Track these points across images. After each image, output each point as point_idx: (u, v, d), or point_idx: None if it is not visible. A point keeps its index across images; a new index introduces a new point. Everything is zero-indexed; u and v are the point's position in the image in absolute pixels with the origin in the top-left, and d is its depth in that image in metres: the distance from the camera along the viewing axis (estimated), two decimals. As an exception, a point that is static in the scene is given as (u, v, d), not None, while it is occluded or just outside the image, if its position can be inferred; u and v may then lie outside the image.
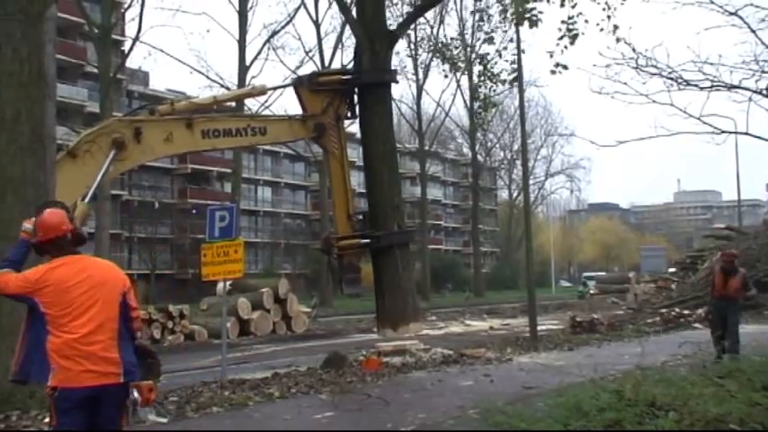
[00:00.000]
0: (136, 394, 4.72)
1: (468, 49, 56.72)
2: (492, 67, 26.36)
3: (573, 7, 17.86)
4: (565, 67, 16.54)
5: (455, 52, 42.68)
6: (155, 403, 4.88)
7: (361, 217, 21.74)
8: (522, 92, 18.33)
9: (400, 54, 46.40)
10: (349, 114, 21.79)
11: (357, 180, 30.20)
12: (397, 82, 23.25)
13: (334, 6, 42.13)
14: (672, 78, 9.42)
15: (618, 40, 10.37)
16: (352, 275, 21.57)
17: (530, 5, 18.19)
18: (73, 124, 40.47)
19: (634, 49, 9.54)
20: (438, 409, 9.11)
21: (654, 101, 9.46)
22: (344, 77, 21.34)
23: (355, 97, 21.95)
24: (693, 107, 9.55)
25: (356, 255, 21.70)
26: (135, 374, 4.75)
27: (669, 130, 9.62)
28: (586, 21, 18.16)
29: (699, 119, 9.37)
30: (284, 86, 24.69)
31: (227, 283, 14.55)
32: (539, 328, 17.48)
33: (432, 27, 51.05)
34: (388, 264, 20.99)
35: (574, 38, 17.82)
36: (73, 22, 46.26)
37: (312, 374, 12.32)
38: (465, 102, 60.96)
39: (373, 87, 21.67)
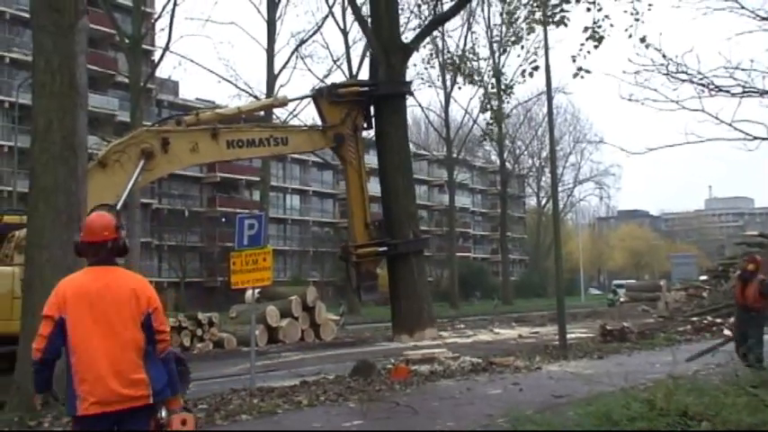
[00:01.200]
0: (164, 413, 4.54)
1: (496, 55, 56.74)
2: (506, 81, 26.73)
3: (599, 11, 17.93)
4: (587, 71, 16.62)
5: (471, 64, 43.12)
6: None
7: (377, 224, 22.15)
8: (550, 99, 18.27)
9: (426, 62, 46.30)
10: (365, 125, 22.26)
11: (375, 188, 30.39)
12: (411, 93, 24.02)
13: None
14: (703, 84, 9.30)
15: (647, 46, 10.28)
16: (369, 283, 22.29)
17: (555, 2, 18.35)
18: (104, 133, 40.92)
19: (664, 56, 9.44)
20: (467, 418, 9.07)
21: (684, 107, 9.35)
22: (362, 89, 22.06)
23: (371, 108, 22.40)
24: (725, 113, 9.40)
25: (374, 262, 22.17)
26: (165, 393, 4.57)
27: (700, 137, 9.47)
28: (612, 25, 18.13)
29: (730, 125, 9.25)
30: (304, 97, 25.26)
31: (256, 290, 14.62)
32: (568, 336, 17.34)
33: (444, 40, 50.71)
34: (404, 271, 21.96)
35: (599, 40, 17.82)
36: (104, 33, 46.85)
37: (340, 382, 12.32)
38: (493, 109, 60.75)
39: (389, 99, 22.60)
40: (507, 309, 52.06)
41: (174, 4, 35.36)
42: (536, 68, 19.46)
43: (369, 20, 25.31)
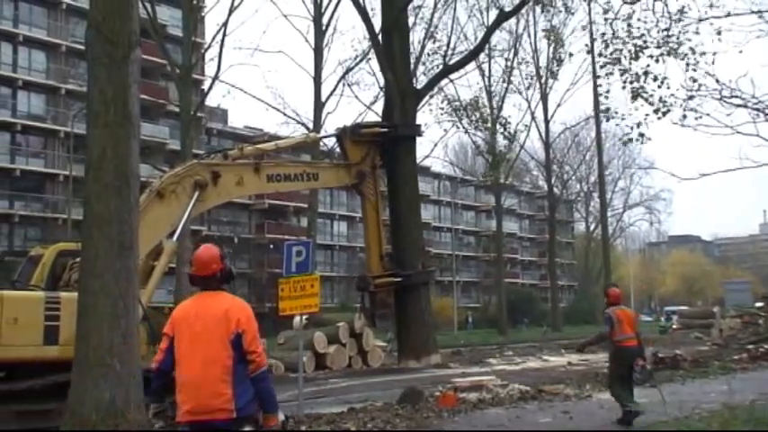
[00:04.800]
0: (247, 429, 4.86)
1: (542, 81, 56.52)
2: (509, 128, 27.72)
3: (668, 88, 18.14)
4: (648, 139, 17.07)
5: (479, 112, 44.29)
6: None
7: (387, 258, 23.51)
8: (598, 123, 18.34)
9: (439, 107, 46.65)
10: (382, 163, 23.76)
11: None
12: (421, 135, 26.29)
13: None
14: (758, 109, 9.15)
15: (695, 79, 10.20)
16: (383, 311, 23.82)
17: (640, 83, 18.90)
18: (155, 162, 41.66)
19: (717, 81, 9.33)
20: (516, 447, 8.95)
21: (739, 132, 9.20)
22: (382, 130, 23.52)
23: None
24: (781, 138, 9.11)
25: (388, 292, 23.42)
26: (248, 410, 4.90)
27: (755, 162, 9.30)
28: (676, 100, 18.16)
29: (786, 149, 9.09)
30: (331, 135, 26.98)
31: (304, 317, 14.67)
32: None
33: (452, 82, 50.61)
34: (413, 300, 23.53)
35: (665, 113, 17.95)
36: (156, 64, 47.83)
37: (388, 410, 12.26)
38: (540, 134, 60.51)
39: (404, 140, 24.33)
40: (556, 335, 51.37)
41: (224, 35, 36.02)
42: (641, 137, 19.72)
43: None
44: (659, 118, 17.81)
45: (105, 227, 9.45)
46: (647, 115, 18.05)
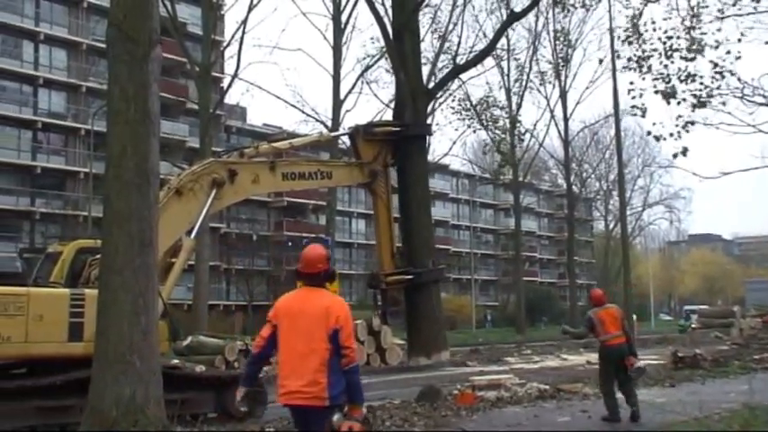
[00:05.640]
0: (336, 417, 5.25)
1: (560, 79, 56.32)
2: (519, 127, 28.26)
3: (701, 84, 17.92)
4: (687, 148, 16.60)
5: (489, 113, 44.43)
6: None
7: (398, 255, 23.77)
8: (618, 121, 18.13)
9: (452, 108, 46.46)
10: (393, 162, 23.83)
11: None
12: (431, 134, 26.03)
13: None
14: (781, 107, 9.06)
15: (722, 75, 10.11)
16: (394, 308, 24.30)
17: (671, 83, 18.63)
18: (174, 159, 41.90)
19: (739, 79, 9.26)
20: (535, 446, 8.93)
21: (761, 130, 9.13)
22: (394, 129, 23.73)
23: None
24: (803, 135, 8.98)
25: (398, 289, 23.92)
26: (338, 400, 5.32)
27: (776, 160, 9.22)
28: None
29: (808, 147, 8.99)
30: (344, 134, 27.34)
31: (322, 314, 14.71)
32: (638, 362, 16.95)
33: (460, 87, 50.20)
34: (424, 297, 23.75)
35: (702, 105, 17.80)
36: (176, 62, 48.07)
37: (406, 408, 12.26)
38: (559, 132, 60.26)
39: (415, 139, 24.62)
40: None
41: (243, 33, 36.22)
42: (684, 152, 19.33)
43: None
44: (696, 107, 17.62)
45: (125, 224, 9.49)
46: (682, 117, 17.85)
